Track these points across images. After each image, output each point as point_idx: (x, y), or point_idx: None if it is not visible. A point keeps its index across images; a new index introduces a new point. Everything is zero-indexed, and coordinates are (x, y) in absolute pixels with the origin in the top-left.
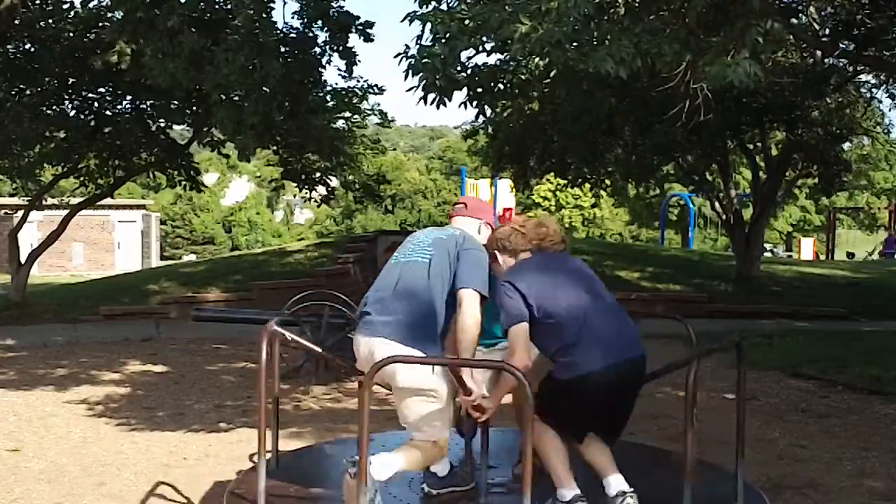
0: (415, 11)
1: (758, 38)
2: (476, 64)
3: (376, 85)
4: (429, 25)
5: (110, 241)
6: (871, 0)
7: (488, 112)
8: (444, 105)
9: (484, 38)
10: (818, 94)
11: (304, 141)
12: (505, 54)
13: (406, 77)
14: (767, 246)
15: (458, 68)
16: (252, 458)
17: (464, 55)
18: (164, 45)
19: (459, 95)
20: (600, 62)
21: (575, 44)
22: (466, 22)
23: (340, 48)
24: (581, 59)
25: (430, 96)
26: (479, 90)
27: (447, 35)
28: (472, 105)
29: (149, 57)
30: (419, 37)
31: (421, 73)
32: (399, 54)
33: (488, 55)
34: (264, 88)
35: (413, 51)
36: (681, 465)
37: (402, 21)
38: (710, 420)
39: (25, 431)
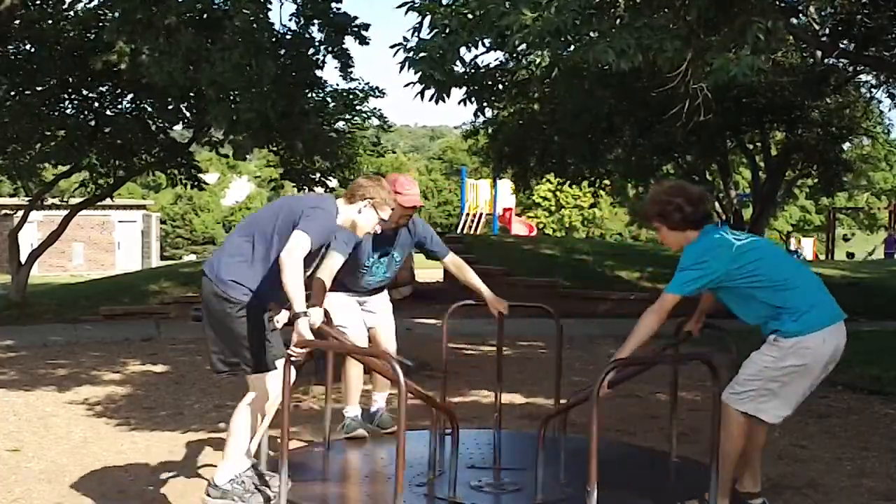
0: (412, 1)
1: (759, 35)
2: (476, 63)
3: (377, 87)
4: (428, 18)
5: (110, 241)
6: (870, 0)
7: (488, 111)
8: (444, 101)
9: (484, 36)
10: (818, 94)
11: (296, 141)
12: (504, 52)
13: (402, 69)
14: (793, 248)
15: (458, 63)
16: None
17: (463, 51)
18: (161, 44)
19: (458, 93)
20: (601, 53)
21: (575, 36)
22: (468, 15)
23: (336, 49)
24: (581, 52)
25: (429, 92)
26: (478, 87)
27: (447, 29)
28: (470, 102)
29: (146, 56)
30: (416, 29)
31: (419, 68)
32: (396, 45)
33: (488, 51)
34: (261, 87)
35: (411, 43)
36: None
37: (397, 7)
38: (709, 420)
39: (25, 431)
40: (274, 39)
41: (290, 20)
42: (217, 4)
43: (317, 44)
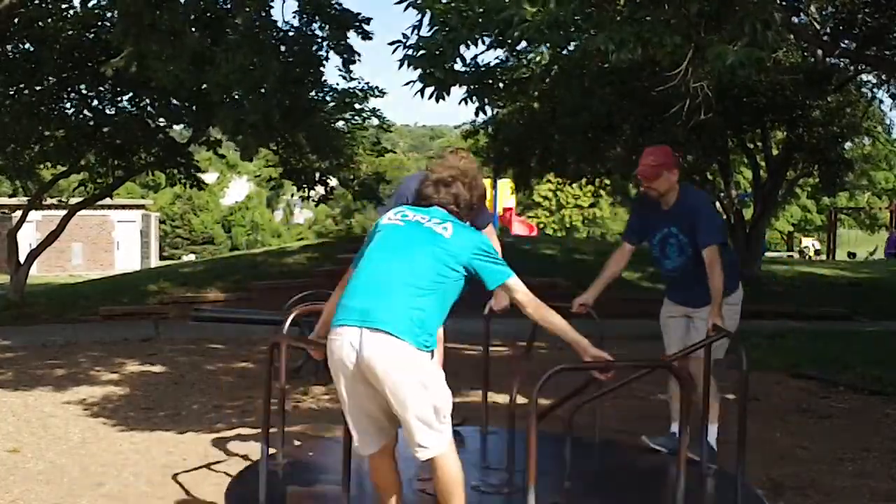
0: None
1: (756, 25)
2: (476, 62)
3: (377, 87)
4: (428, 15)
5: (109, 240)
6: None
7: (489, 111)
8: (443, 98)
9: (485, 33)
10: (819, 93)
11: (299, 133)
12: (504, 49)
13: (401, 66)
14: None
15: (458, 61)
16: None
17: (463, 49)
18: (165, 47)
19: (459, 92)
20: (601, 43)
21: (574, 30)
22: (468, 12)
23: (341, 45)
24: (581, 43)
25: (429, 90)
26: (478, 86)
27: (447, 27)
28: (471, 101)
29: (152, 59)
30: (416, 26)
31: (418, 65)
32: (395, 41)
33: (488, 49)
34: (263, 87)
35: (411, 40)
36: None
37: (396, 3)
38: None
39: (24, 432)
40: (276, 38)
41: (292, 17)
42: (219, 3)
43: (319, 40)
